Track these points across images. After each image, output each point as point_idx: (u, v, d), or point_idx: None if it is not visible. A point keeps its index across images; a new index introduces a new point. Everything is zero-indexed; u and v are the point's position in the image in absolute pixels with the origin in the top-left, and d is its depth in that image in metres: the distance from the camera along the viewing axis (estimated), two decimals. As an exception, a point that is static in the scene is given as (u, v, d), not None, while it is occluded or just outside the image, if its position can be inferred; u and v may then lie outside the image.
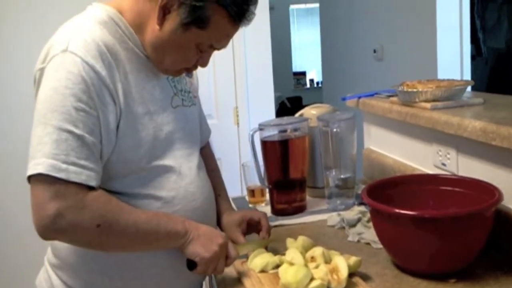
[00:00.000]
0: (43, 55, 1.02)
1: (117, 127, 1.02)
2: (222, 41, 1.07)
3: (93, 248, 1.03)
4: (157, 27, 1.02)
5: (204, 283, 1.29)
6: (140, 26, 1.06)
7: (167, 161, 1.10)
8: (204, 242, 1.06)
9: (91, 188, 0.97)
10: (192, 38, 1.03)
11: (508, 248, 1.12)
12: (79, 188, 0.95)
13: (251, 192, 1.63)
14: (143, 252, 1.08)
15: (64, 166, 0.93)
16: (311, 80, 8.68)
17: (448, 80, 1.52)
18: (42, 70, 1.00)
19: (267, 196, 1.59)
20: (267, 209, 1.55)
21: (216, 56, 1.12)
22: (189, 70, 1.13)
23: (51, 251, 1.15)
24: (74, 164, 0.94)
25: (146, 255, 1.08)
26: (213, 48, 1.08)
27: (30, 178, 0.94)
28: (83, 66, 0.97)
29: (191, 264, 1.06)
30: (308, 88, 8.55)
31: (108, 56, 1.01)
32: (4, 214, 2.44)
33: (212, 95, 2.59)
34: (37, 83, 1.01)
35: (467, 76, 2.83)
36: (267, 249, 1.22)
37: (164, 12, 1.01)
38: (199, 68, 1.24)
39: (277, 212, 1.53)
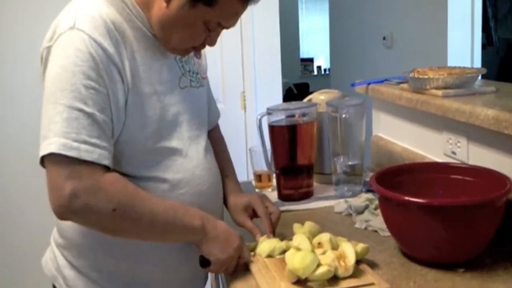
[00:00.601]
0: (50, 33, 1.00)
1: (125, 105, 1.01)
2: (230, 20, 1.05)
3: (106, 232, 1.01)
4: (164, 4, 1.01)
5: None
6: (147, 3, 1.04)
7: (173, 143, 1.09)
8: (222, 244, 1.05)
9: (105, 169, 0.96)
10: (200, 15, 1.01)
11: (517, 238, 1.11)
12: (94, 168, 0.94)
13: (258, 177, 1.62)
14: None
15: (75, 144, 0.92)
16: (319, 67, 8.63)
17: (459, 67, 1.50)
18: (49, 48, 0.99)
19: (274, 181, 1.58)
20: (273, 194, 1.54)
21: (224, 40, 1.11)
22: (197, 49, 1.11)
23: (57, 231, 1.15)
24: (85, 142, 0.93)
25: None
26: (221, 26, 1.06)
27: (44, 158, 0.93)
28: (91, 43, 0.96)
29: (205, 262, 1.06)
30: (315, 75, 8.51)
31: (116, 33, 1.00)
32: (10, 195, 2.45)
33: (219, 79, 2.57)
34: (44, 61, 1.00)
35: (477, 65, 2.80)
36: (274, 234, 1.21)
37: None
38: (207, 52, 1.23)
39: (284, 197, 1.52)
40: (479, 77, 1.57)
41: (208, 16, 1.02)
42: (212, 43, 1.09)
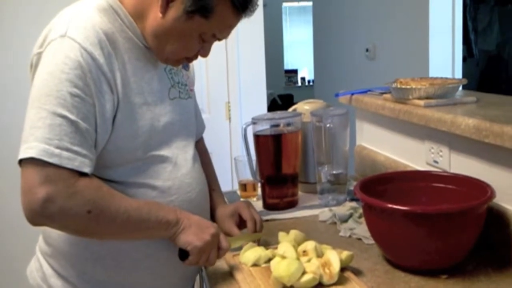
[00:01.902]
0: (41, 40, 1.01)
1: (114, 116, 1.01)
2: (224, 31, 1.06)
3: (83, 235, 1.01)
4: (159, 15, 1.02)
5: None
6: (141, 14, 1.05)
7: (163, 152, 1.10)
8: (196, 231, 1.05)
9: (82, 174, 0.96)
10: (195, 27, 1.02)
11: (499, 245, 1.13)
12: (71, 173, 0.94)
13: (243, 186, 1.62)
14: (138, 242, 1.07)
15: (57, 151, 0.92)
16: (303, 78, 8.69)
17: (441, 78, 1.53)
18: (39, 54, 0.99)
19: (259, 190, 1.58)
20: (258, 203, 1.55)
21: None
22: (190, 60, 1.12)
23: (42, 239, 1.14)
24: (67, 149, 0.93)
25: (140, 246, 1.08)
26: (215, 38, 1.07)
27: (21, 162, 0.93)
28: (81, 52, 0.96)
29: (183, 254, 1.05)
30: (299, 86, 8.56)
31: (107, 44, 1.00)
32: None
33: (204, 89, 2.58)
34: (34, 67, 1.00)
35: (458, 76, 2.85)
36: (259, 243, 1.22)
37: (168, 0, 1.00)
38: (193, 62, 1.24)
39: (268, 206, 1.53)
40: (460, 88, 1.60)
41: (203, 28, 1.03)
42: (205, 54, 1.10)
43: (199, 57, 1.13)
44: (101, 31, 1.00)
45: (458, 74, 2.86)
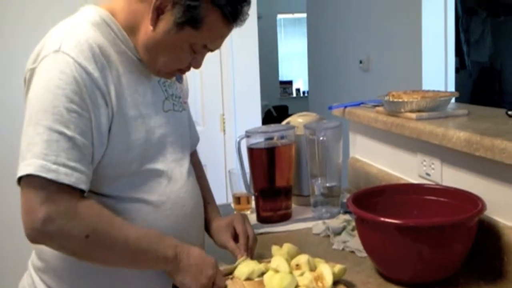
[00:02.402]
0: (34, 55, 1.01)
1: (109, 130, 1.01)
2: (216, 42, 1.07)
3: (79, 258, 1.01)
4: (150, 27, 1.02)
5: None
6: (133, 27, 1.05)
7: (158, 165, 1.10)
8: (194, 273, 1.04)
9: (81, 192, 0.96)
10: (186, 38, 1.03)
11: (491, 258, 1.13)
12: (71, 193, 0.94)
13: (237, 199, 1.63)
14: None
15: (54, 167, 0.92)
16: (298, 90, 8.72)
17: (433, 91, 1.54)
18: (33, 70, 0.99)
19: (253, 203, 1.59)
20: (252, 216, 1.55)
21: (204, 63, 1.12)
22: (182, 72, 1.13)
23: (35, 255, 1.13)
24: (64, 165, 0.93)
25: None
26: (206, 48, 1.08)
27: (21, 179, 0.93)
28: (76, 67, 0.96)
29: None
30: (294, 97, 8.59)
31: (101, 57, 1.01)
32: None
33: (198, 102, 2.59)
34: (28, 83, 1.00)
35: (451, 88, 2.88)
36: (252, 256, 1.22)
37: (158, 13, 1.01)
38: (187, 73, 1.25)
39: (262, 219, 1.53)
40: (453, 100, 1.62)
41: (194, 39, 1.03)
42: (198, 65, 1.11)
43: (194, 69, 1.14)
44: (95, 45, 1.01)
45: (451, 86, 2.88)
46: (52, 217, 0.91)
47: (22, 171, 0.92)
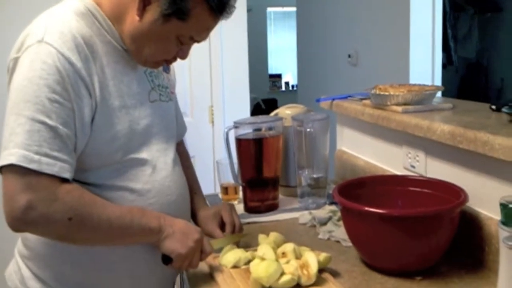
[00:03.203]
0: (18, 45, 1.01)
1: (92, 120, 1.02)
2: (202, 34, 1.08)
3: (64, 241, 1.02)
4: (136, 18, 1.02)
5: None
6: (119, 17, 1.05)
7: (142, 155, 1.11)
8: (180, 238, 1.06)
9: (64, 180, 0.96)
10: (173, 29, 1.03)
11: (472, 248, 1.16)
12: (52, 180, 0.94)
13: (225, 190, 1.64)
14: (116, 245, 1.08)
15: (36, 157, 0.92)
16: (287, 83, 8.74)
17: (419, 85, 1.57)
18: (16, 59, 0.99)
19: (241, 194, 1.60)
20: (240, 206, 1.56)
21: (193, 55, 1.13)
22: (169, 62, 1.14)
23: (21, 242, 1.14)
24: (46, 155, 0.93)
25: (119, 248, 1.08)
26: (193, 40, 1.08)
27: (2, 169, 0.93)
28: (58, 57, 0.96)
29: (166, 259, 1.07)
30: (283, 91, 8.61)
31: (85, 48, 1.01)
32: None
33: (187, 93, 2.59)
34: (11, 72, 1.00)
35: (438, 83, 2.91)
36: (238, 245, 1.23)
37: (145, 3, 1.01)
38: (176, 65, 1.25)
39: (249, 209, 1.55)
40: (440, 95, 1.64)
41: (180, 31, 1.04)
42: (184, 56, 1.11)
43: (183, 61, 1.15)
44: (78, 35, 1.00)
45: (438, 81, 2.91)
46: (33, 204, 0.92)
47: (4, 160, 0.92)
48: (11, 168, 0.92)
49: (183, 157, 1.33)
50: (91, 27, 1.04)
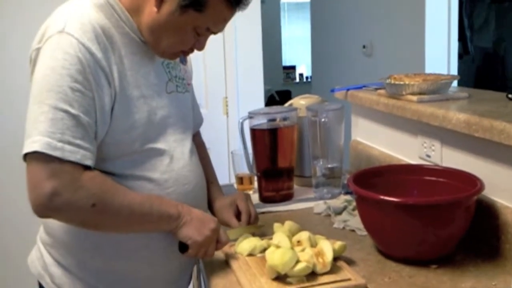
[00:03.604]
0: (39, 36, 1.03)
1: (112, 109, 1.04)
2: (219, 25, 1.09)
3: (87, 227, 1.05)
4: (154, 9, 1.04)
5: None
6: (137, 8, 1.07)
7: (160, 145, 1.12)
8: (197, 226, 1.08)
9: (86, 168, 0.98)
10: (190, 21, 1.04)
11: (488, 237, 1.16)
12: (75, 167, 0.97)
13: (240, 180, 1.65)
14: (136, 233, 1.10)
15: (59, 144, 0.94)
16: (301, 75, 8.70)
17: (434, 74, 1.56)
18: (38, 50, 1.01)
19: (256, 183, 1.61)
20: (255, 196, 1.57)
21: (207, 47, 1.14)
22: (186, 54, 1.15)
23: (43, 230, 1.17)
24: (69, 143, 0.96)
25: (138, 237, 1.11)
26: (210, 31, 1.09)
27: (26, 156, 0.96)
28: (79, 48, 0.98)
29: (183, 247, 1.09)
30: (297, 82, 8.57)
31: (104, 39, 1.03)
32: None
33: (202, 85, 2.60)
34: (33, 62, 1.02)
35: (454, 73, 2.88)
36: (254, 234, 1.24)
37: None
38: (191, 56, 1.26)
39: (264, 199, 1.56)
40: (456, 84, 1.63)
41: (197, 22, 1.05)
42: (201, 47, 1.13)
43: (197, 52, 1.16)
44: (98, 26, 1.02)
45: (454, 71, 2.89)
46: (58, 191, 0.94)
47: (28, 147, 0.95)
48: (36, 156, 0.94)
49: (199, 147, 1.34)
50: (109, 19, 1.06)
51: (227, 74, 2.66)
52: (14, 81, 2.36)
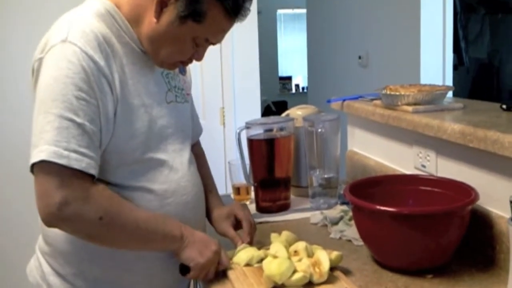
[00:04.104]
0: (41, 45, 1.04)
1: (114, 116, 1.04)
2: (217, 36, 1.10)
3: (92, 240, 1.05)
4: (154, 19, 1.05)
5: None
6: (137, 18, 1.08)
7: (159, 155, 1.13)
8: (199, 248, 1.09)
9: (91, 177, 0.99)
10: (189, 31, 1.06)
11: (483, 246, 1.16)
12: (83, 178, 0.98)
13: (237, 190, 1.66)
14: None
15: (65, 153, 0.95)
16: (297, 85, 8.74)
17: (430, 85, 1.57)
18: (40, 60, 1.02)
19: (252, 194, 1.62)
20: (252, 206, 1.58)
21: (204, 57, 1.16)
22: (185, 64, 1.16)
23: (42, 239, 1.17)
24: (75, 151, 0.96)
25: None
26: (208, 42, 1.11)
27: (34, 166, 0.96)
28: (83, 56, 0.99)
29: (184, 269, 1.09)
30: (293, 93, 8.62)
31: (106, 47, 1.04)
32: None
33: (199, 95, 2.62)
34: (36, 72, 1.03)
35: (449, 84, 2.90)
36: (252, 243, 1.25)
37: (162, 6, 1.04)
38: (189, 67, 1.28)
39: (261, 209, 1.56)
40: (451, 95, 1.64)
41: (196, 33, 1.06)
42: (200, 58, 1.14)
43: (195, 63, 1.17)
44: (100, 35, 1.03)
45: (449, 82, 2.91)
46: (68, 201, 0.95)
47: (36, 157, 0.95)
48: (44, 166, 0.95)
49: (199, 157, 1.35)
50: (110, 28, 1.07)
51: (224, 85, 2.67)
52: (13, 83, 2.36)
